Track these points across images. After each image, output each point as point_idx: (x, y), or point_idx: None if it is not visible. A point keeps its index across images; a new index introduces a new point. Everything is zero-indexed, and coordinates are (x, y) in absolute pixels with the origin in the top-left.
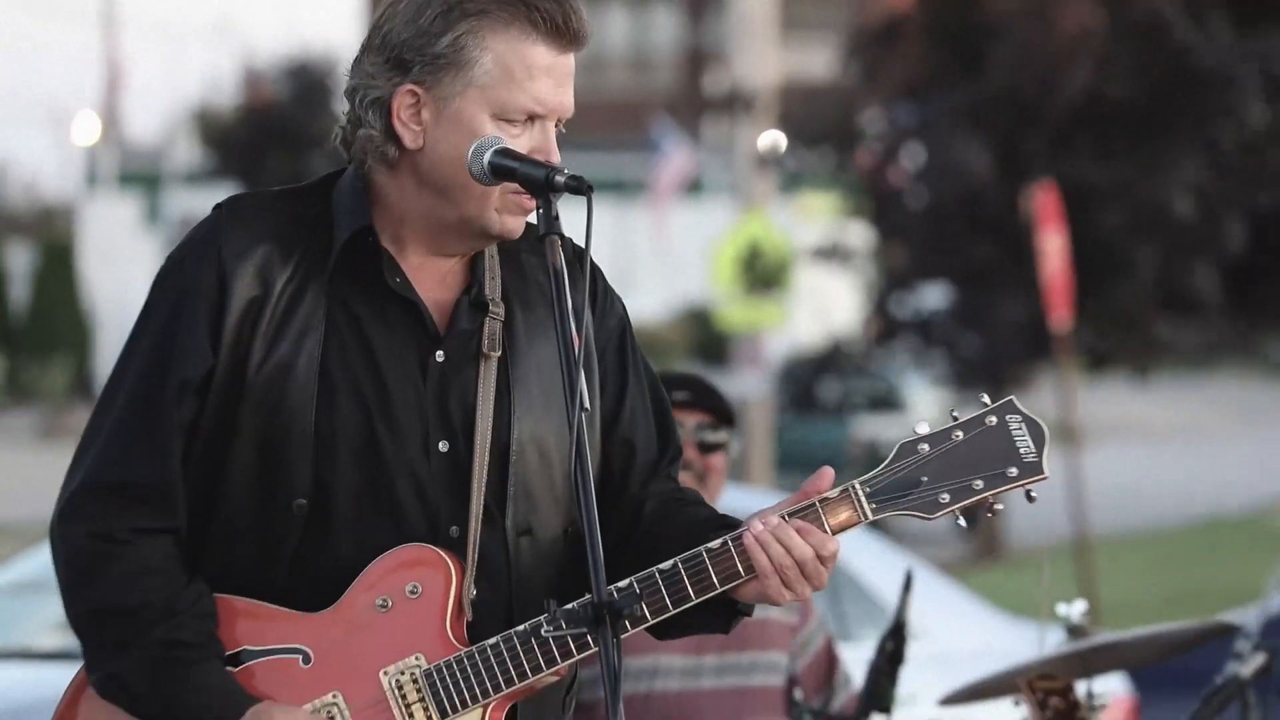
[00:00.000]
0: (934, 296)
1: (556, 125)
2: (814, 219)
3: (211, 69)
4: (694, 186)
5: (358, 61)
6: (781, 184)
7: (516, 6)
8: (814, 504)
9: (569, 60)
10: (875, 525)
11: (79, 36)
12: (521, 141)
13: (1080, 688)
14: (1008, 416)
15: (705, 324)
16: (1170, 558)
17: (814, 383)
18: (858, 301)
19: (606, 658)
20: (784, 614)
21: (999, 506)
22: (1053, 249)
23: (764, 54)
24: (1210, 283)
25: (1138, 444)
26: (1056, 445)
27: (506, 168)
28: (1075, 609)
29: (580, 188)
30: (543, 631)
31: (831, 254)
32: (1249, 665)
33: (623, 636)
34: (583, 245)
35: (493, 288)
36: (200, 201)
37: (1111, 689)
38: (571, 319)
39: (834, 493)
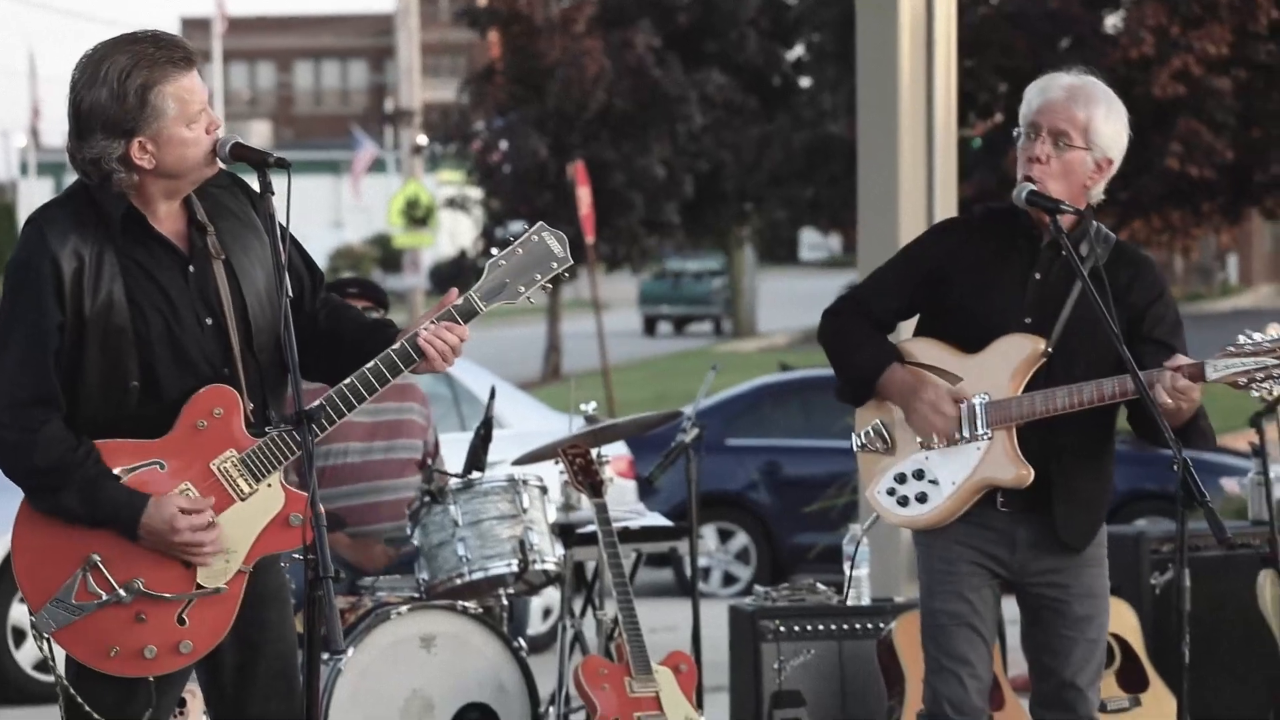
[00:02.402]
0: (517, 227)
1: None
2: (447, 183)
3: None
4: (377, 166)
5: (83, 140)
6: (427, 164)
7: (161, 63)
8: (450, 309)
9: (194, 73)
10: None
11: (15, 86)
12: (203, 121)
13: (594, 452)
14: (543, 234)
15: (386, 245)
16: (654, 376)
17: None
18: (474, 231)
19: (304, 446)
20: (420, 418)
21: (549, 287)
22: (584, 198)
23: (416, 89)
24: (674, 215)
25: (629, 311)
26: (590, 312)
27: (240, 153)
28: (590, 406)
29: (283, 164)
30: (278, 432)
31: (458, 204)
32: (690, 435)
33: (327, 431)
34: (270, 195)
35: (202, 216)
36: None
37: (617, 451)
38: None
39: (460, 301)
